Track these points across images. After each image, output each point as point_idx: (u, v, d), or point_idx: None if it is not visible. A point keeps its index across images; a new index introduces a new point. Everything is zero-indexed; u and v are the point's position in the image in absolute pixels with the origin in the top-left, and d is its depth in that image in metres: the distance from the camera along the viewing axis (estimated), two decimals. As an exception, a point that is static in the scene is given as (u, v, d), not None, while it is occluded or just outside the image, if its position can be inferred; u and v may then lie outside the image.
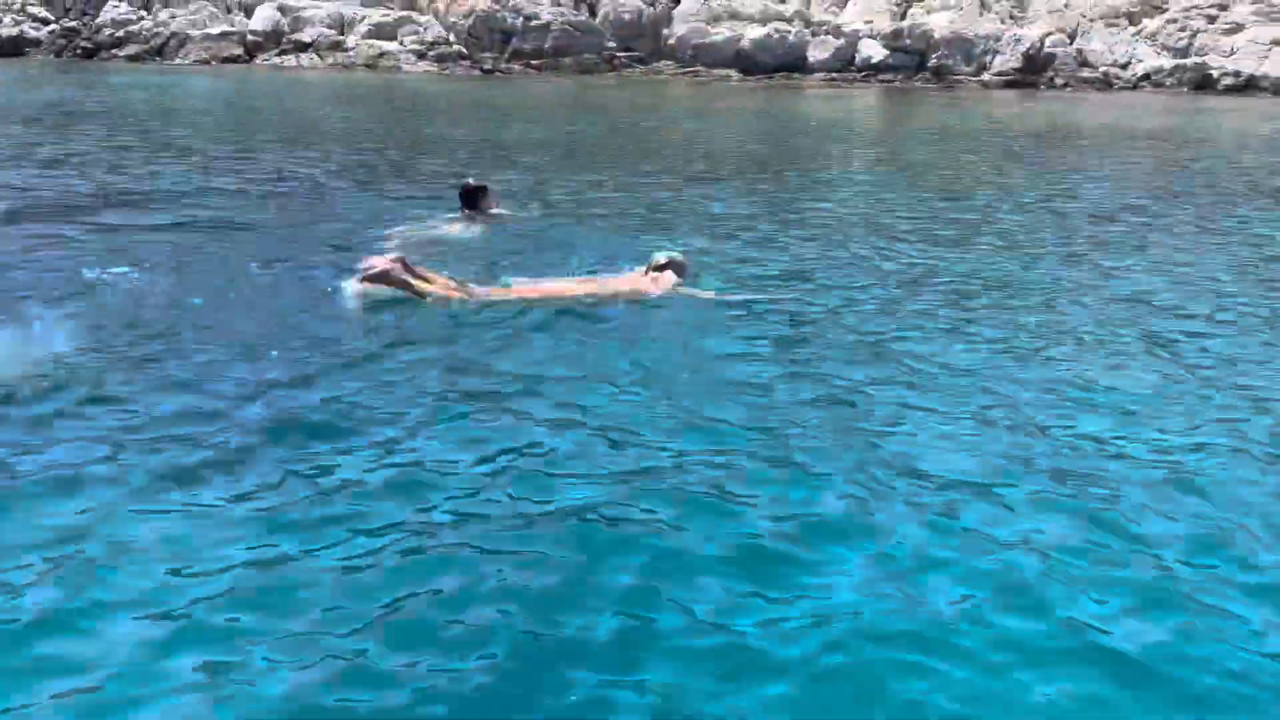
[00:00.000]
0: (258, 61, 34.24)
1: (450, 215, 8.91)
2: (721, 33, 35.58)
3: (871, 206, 10.99)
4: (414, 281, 6.37)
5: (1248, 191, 12.79)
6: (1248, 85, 32.63)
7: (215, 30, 34.89)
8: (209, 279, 7.00)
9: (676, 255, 7.06)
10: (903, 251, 8.52)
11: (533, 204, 10.15)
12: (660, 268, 6.87)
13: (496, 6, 35.82)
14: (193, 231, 8.58)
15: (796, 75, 34.73)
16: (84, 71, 29.49)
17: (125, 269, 7.08)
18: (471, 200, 8.81)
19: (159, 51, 34.53)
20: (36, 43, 34.60)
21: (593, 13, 36.27)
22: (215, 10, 35.88)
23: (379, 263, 6.36)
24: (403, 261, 6.41)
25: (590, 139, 17.66)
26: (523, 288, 6.66)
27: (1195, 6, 35.43)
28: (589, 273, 7.19)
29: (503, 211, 9.22)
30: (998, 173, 14.43)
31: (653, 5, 36.35)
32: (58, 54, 34.24)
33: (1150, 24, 35.25)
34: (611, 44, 35.90)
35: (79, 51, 34.42)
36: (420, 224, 8.77)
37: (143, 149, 13.98)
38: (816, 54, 35.14)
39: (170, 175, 11.68)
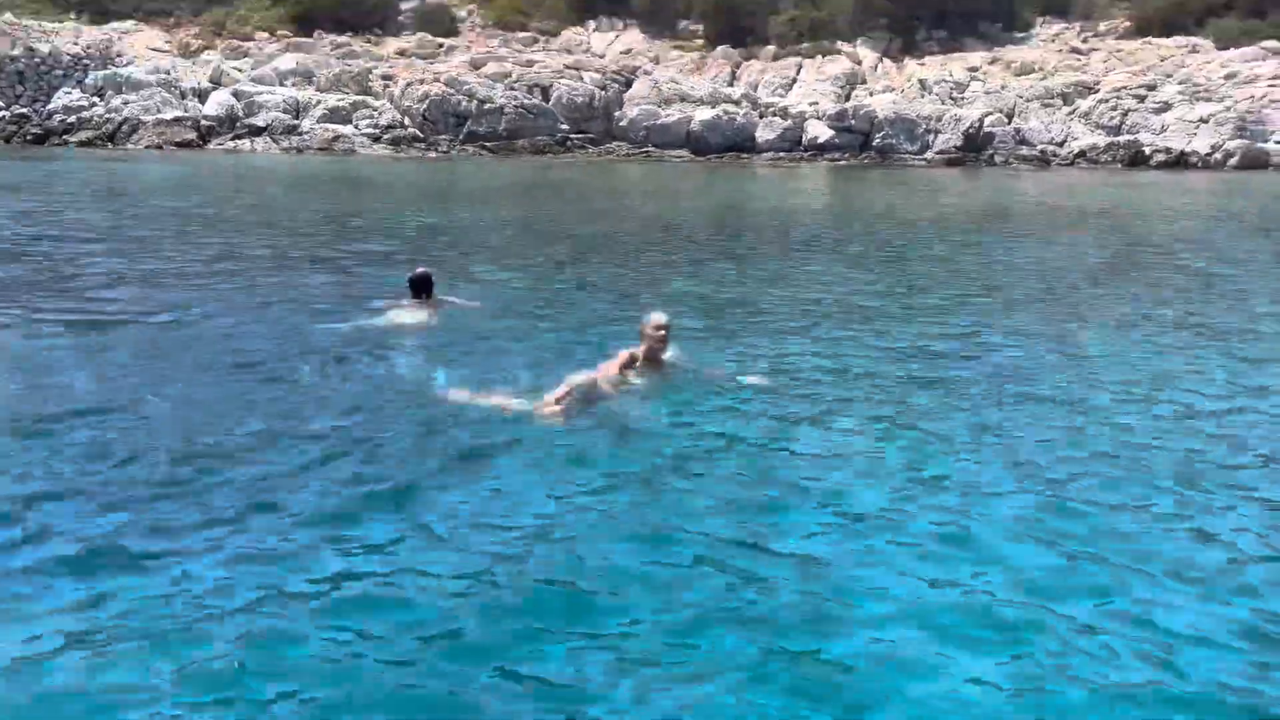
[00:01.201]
0: (211, 146, 34.32)
1: (401, 302, 8.93)
2: (672, 115, 36.38)
3: (831, 283, 11.19)
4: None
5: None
6: (1179, 160, 33.92)
7: (168, 115, 34.97)
8: (151, 370, 6.91)
9: (664, 318, 6.98)
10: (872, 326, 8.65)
11: (480, 289, 10.21)
12: (656, 329, 6.76)
13: (451, 90, 36.38)
14: (132, 320, 8.48)
15: (745, 155, 35.53)
16: (33, 160, 29.35)
17: (62, 353, 6.98)
18: (421, 288, 8.87)
19: (110, 137, 34.49)
20: (-15, 129, 34.47)
21: (546, 97, 36.94)
22: (169, 96, 36.00)
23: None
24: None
25: (543, 220, 17.84)
26: (588, 378, 6.50)
27: (1125, 87, 36.94)
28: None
29: (453, 300, 9.27)
30: (948, 245, 14.79)
31: (604, 89, 37.14)
32: (6, 140, 34.08)
33: (1083, 104, 36.64)
34: (564, 126, 36.53)
35: (29, 138, 34.28)
36: (372, 314, 8.78)
37: (79, 235, 13.87)
38: (765, 134, 36.01)
39: (110, 264, 11.57)
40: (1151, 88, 36.89)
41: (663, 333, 6.72)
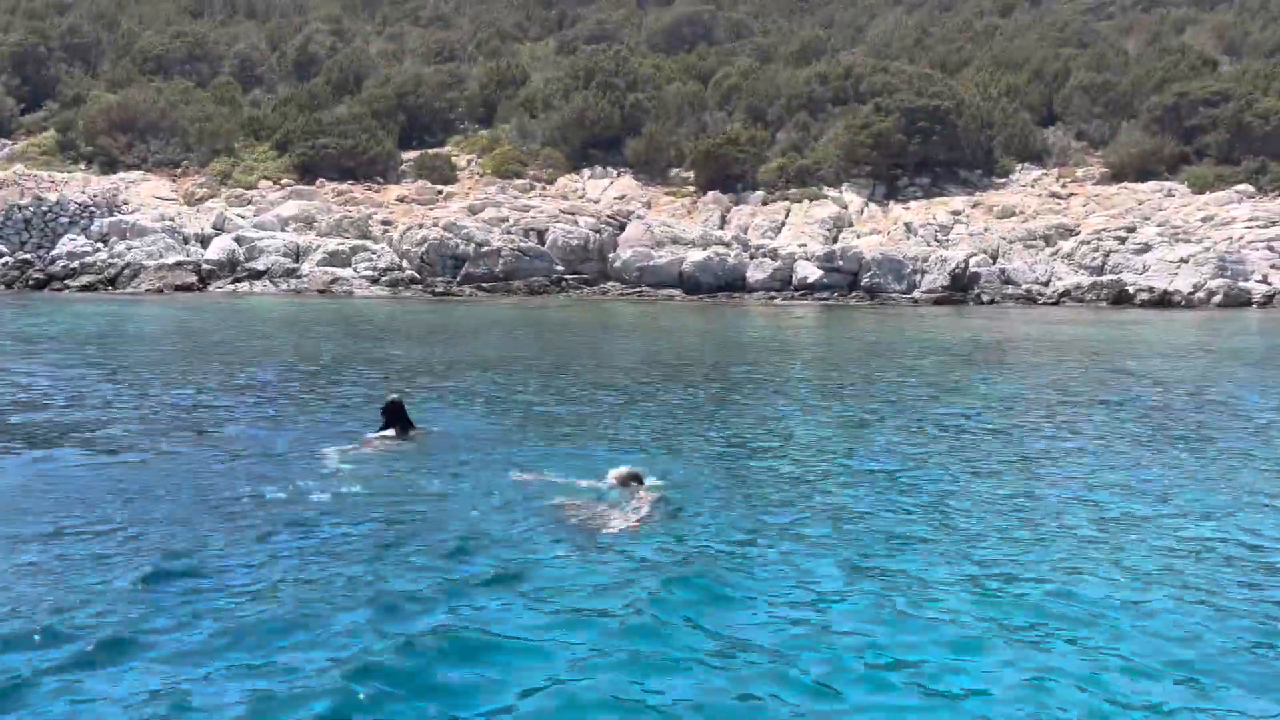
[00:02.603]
0: (210, 289, 34.87)
1: (377, 433, 8.90)
2: (664, 256, 37.19)
3: (810, 420, 11.18)
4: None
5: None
6: (1163, 299, 34.49)
7: (170, 260, 35.67)
8: (134, 511, 6.79)
9: (634, 470, 7.00)
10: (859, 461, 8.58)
11: (454, 416, 10.19)
12: (624, 480, 6.79)
13: (449, 234, 37.28)
14: (117, 459, 8.41)
15: (737, 294, 36.13)
16: (32, 301, 29.76)
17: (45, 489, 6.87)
18: (396, 416, 8.88)
19: (112, 281, 35.07)
20: (-12, 275, 35.08)
21: (541, 239, 37.85)
22: (172, 242, 36.81)
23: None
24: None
25: (530, 356, 17.98)
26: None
27: (1105, 229, 37.92)
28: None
29: (428, 428, 9.24)
30: (938, 384, 14.86)
31: (599, 232, 38.11)
32: (8, 285, 34.63)
33: (1065, 245, 37.53)
34: (560, 267, 37.29)
35: (31, 283, 34.85)
36: (351, 443, 8.73)
37: (57, 373, 13.91)
38: (755, 274, 36.73)
39: (96, 402, 11.58)
40: (1131, 229, 37.87)
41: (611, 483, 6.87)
